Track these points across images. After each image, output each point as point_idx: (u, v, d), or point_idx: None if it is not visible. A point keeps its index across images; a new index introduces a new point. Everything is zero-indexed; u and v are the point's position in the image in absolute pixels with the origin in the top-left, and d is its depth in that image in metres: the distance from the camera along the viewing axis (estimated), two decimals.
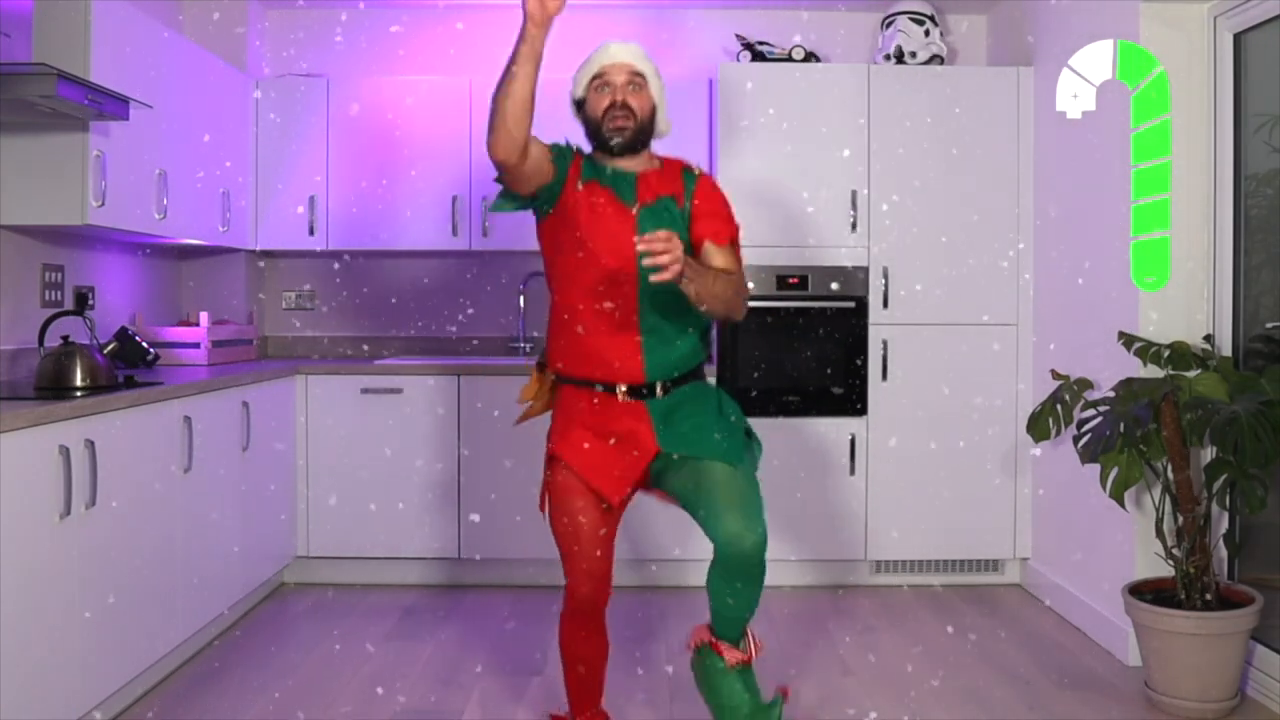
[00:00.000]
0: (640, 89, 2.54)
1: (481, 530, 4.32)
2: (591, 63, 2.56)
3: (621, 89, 2.52)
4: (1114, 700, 3.19)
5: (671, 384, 2.55)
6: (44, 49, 3.14)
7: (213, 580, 3.57)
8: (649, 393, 2.52)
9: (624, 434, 2.51)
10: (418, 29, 4.96)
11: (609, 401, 2.52)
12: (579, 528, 2.53)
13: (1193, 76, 3.43)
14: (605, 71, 2.53)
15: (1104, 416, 3.17)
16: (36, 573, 2.56)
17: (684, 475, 2.48)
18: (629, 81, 2.53)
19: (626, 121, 2.52)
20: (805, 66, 4.48)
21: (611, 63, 2.54)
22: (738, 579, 2.41)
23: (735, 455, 2.47)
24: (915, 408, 4.38)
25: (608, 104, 2.52)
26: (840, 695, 3.22)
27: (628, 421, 2.51)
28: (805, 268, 4.38)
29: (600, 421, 2.53)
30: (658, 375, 2.52)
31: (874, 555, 4.41)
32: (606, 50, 2.56)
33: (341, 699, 3.19)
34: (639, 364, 2.51)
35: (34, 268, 3.54)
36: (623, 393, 2.52)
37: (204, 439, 3.46)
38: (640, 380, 2.51)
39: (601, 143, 2.55)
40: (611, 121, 2.52)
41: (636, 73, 2.54)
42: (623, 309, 2.49)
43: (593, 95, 2.55)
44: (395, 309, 4.99)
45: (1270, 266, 3.28)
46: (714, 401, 2.59)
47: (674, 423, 2.51)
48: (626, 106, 2.52)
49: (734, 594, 2.44)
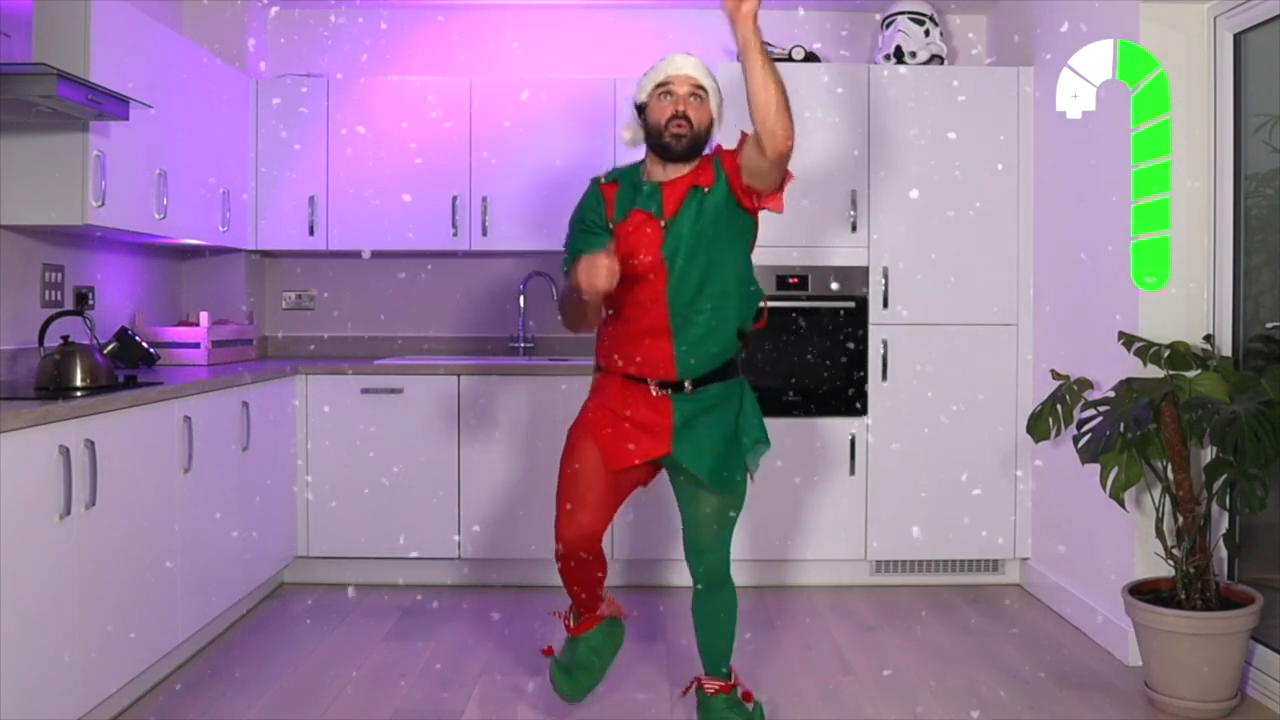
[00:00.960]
0: (702, 101, 2.69)
1: (481, 530, 4.32)
2: (657, 71, 2.71)
3: (684, 100, 2.66)
4: (1114, 700, 3.19)
5: (700, 381, 2.70)
6: (44, 49, 3.14)
7: (213, 580, 3.57)
8: (678, 388, 2.69)
9: (646, 423, 2.69)
10: (418, 29, 4.96)
11: (640, 392, 2.70)
12: (578, 480, 2.69)
13: (1193, 76, 3.43)
14: (670, 81, 2.67)
15: (1104, 416, 3.17)
16: (36, 573, 2.56)
17: (685, 485, 2.77)
18: (691, 93, 2.67)
19: (684, 130, 2.65)
20: (805, 66, 4.47)
21: (677, 73, 2.68)
22: (711, 590, 2.80)
23: (729, 485, 2.72)
24: (915, 408, 4.38)
25: (671, 113, 2.65)
26: (840, 695, 3.22)
27: (651, 415, 2.69)
28: (805, 268, 4.38)
29: (627, 406, 2.70)
30: (686, 374, 2.68)
31: (874, 555, 4.41)
32: (673, 61, 2.70)
33: (341, 699, 3.19)
34: (670, 363, 2.67)
35: (34, 268, 3.54)
36: (655, 385, 2.69)
37: (204, 439, 3.46)
38: (672, 378, 2.68)
39: (661, 147, 2.68)
40: (674, 129, 2.65)
41: (699, 85, 2.68)
42: (655, 310, 2.66)
43: (655, 102, 2.68)
44: (395, 309, 4.99)
45: (1270, 266, 3.27)
46: (733, 415, 2.74)
47: (691, 430, 2.69)
48: (687, 117, 2.65)
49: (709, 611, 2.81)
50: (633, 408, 2.69)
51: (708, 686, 2.82)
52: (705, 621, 2.83)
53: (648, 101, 2.70)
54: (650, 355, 2.67)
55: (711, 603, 2.81)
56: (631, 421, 2.69)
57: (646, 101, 2.71)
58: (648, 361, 2.68)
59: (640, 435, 2.69)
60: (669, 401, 2.69)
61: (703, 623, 2.83)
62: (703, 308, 2.65)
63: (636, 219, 2.69)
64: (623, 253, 2.63)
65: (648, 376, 2.69)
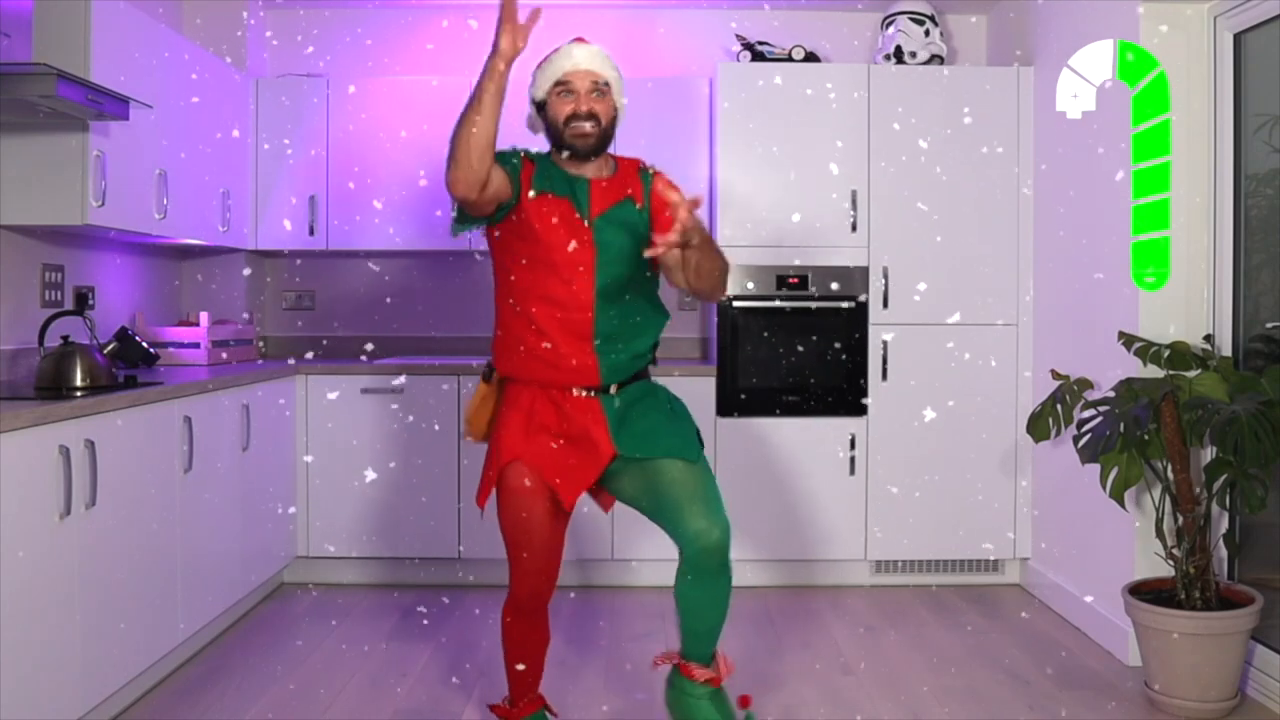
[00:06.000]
0: (604, 95, 2.52)
1: (481, 530, 4.31)
2: (553, 66, 2.51)
3: (585, 97, 2.49)
4: (1114, 700, 3.19)
5: (624, 384, 2.55)
6: (44, 49, 3.14)
7: (213, 580, 3.57)
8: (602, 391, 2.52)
9: (580, 435, 2.49)
10: (417, 29, 4.96)
11: (563, 399, 2.50)
12: (532, 531, 2.51)
13: (1193, 76, 3.43)
14: (569, 79, 2.50)
15: (1104, 416, 3.17)
16: (36, 573, 2.56)
17: (637, 478, 2.50)
18: (592, 89, 2.50)
19: (593, 129, 2.49)
20: (805, 66, 4.48)
21: (575, 69, 2.50)
22: (706, 577, 2.42)
23: (691, 451, 2.49)
24: (915, 408, 4.38)
25: (570, 111, 2.49)
26: (840, 695, 3.22)
27: (583, 422, 2.49)
28: (805, 268, 4.38)
29: (556, 421, 2.50)
30: (611, 379, 2.52)
31: (874, 555, 4.41)
32: (570, 55, 2.51)
33: (341, 699, 3.19)
34: (594, 369, 2.50)
35: (34, 268, 3.54)
36: (578, 390, 2.50)
37: (204, 439, 3.46)
38: (595, 384, 2.51)
39: (564, 147, 2.52)
40: (576, 128, 2.49)
41: (600, 80, 2.51)
42: (579, 318, 2.48)
43: (554, 99, 2.51)
44: (395, 309, 4.99)
45: (1270, 266, 3.28)
46: (664, 400, 2.61)
47: (628, 423, 2.51)
48: (592, 115, 2.49)
49: (704, 597, 2.45)
50: (565, 418, 2.49)
51: (695, 674, 2.50)
52: (697, 607, 2.47)
53: (546, 99, 2.52)
54: (570, 361, 2.48)
55: (708, 589, 2.45)
56: (566, 437, 2.48)
57: (545, 99, 2.52)
58: (567, 368, 2.48)
59: (581, 454, 2.48)
60: (597, 401, 2.51)
61: (693, 607, 2.48)
62: (628, 318, 2.52)
63: (561, 206, 2.48)
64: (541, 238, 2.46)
65: (569, 384, 2.50)
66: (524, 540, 2.52)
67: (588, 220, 2.50)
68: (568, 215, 2.49)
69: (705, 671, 2.51)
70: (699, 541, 2.38)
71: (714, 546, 2.39)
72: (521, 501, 2.48)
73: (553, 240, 2.47)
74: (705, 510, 2.41)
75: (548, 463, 2.48)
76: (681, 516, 2.41)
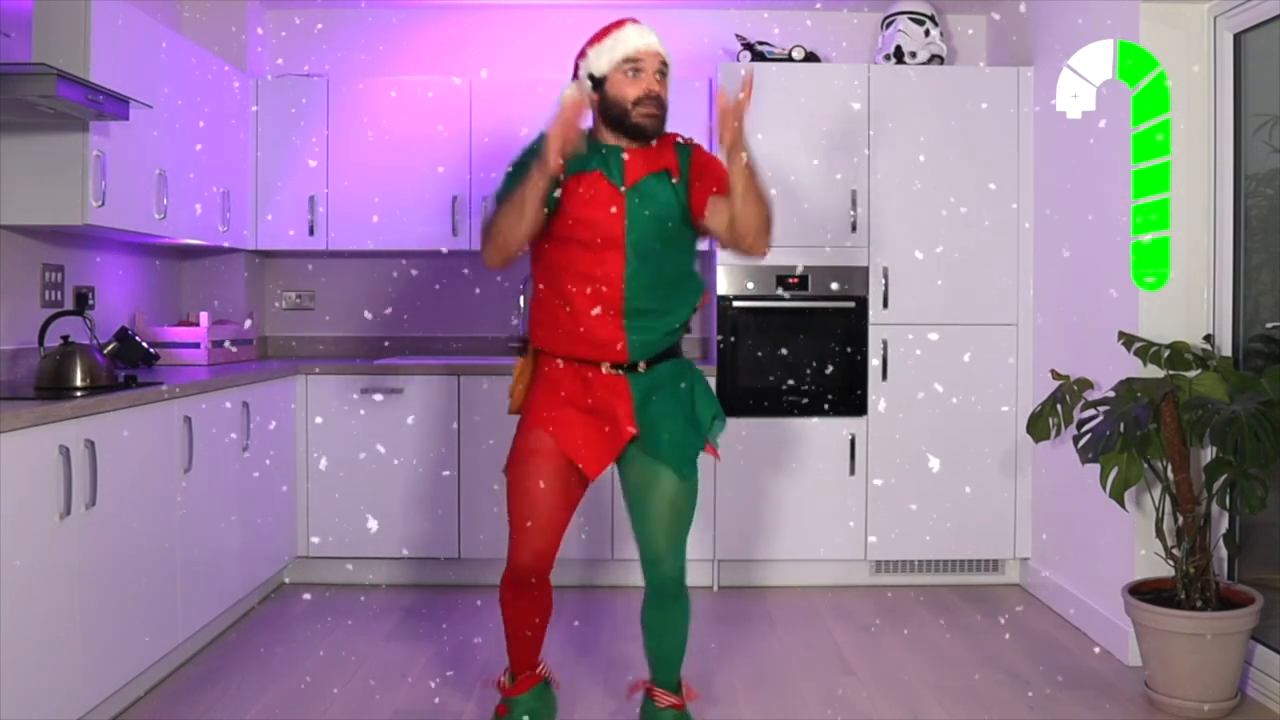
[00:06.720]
0: (664, 79, 2.53)
1: (481, 530, 4.32)
2: (621, 44, 2.49)
3: (653, 79, 2.49)
4: (1114, 700, 3.19)
5: (651, 362, 2.56)
6: (44, 49, 3.14)
7: (213, 580, 3.57)
8: (631, 369, 2.54)
9: (605, 410, 2.52)
10: (418, 29, 4.96)
11: (592, 374, 2.53)
12: (538, 498, 2.52)
13: (1193, 76, 3.43)
14: (640, 58, 2.48)
15: (1104, 416, 3.17)
16: (36, 573, 2.56)
17: (640, 471, 2.58)
18: (658, 70, 2.50)
19: (659, 112, 2.50)
20: (805, 66, 4.48)
21: (647, 50, 2.49)
22: (665, 601, 2.64)
23: (685, 468, 2.56)
24: (915, 408, 4.38)
25: (642, 93, 2.48)
26: (840, 695, 3.22)
27: (608, 398, 2.52)
28: (805, 268, 4.38)
29: (582, 396, 2.53)
30: (639, 355, 2.53)
31: (874, 555, 4.41)
32: (640, 34, 2.50)
33: (341, 699, 3.19)
34: (623, 344, 2.51)
35: (34, 268, 3.54)
36: (607, 367, 2.53)
37: (204, 439, 3.46)
38: (624, 360, 2.53)
39: (632, 128, 2.50)
40: (646, 109, 2.48)
41: (665, 63, 2.53)
42: (609, 293, 2.49)
43: (619, 78, 2.49)
44: (395, 309, 4.99)
45: (1270, 266, 3.28)
46: (689, 392, 2.60)
47: (649, 406, 2.54)
48: (659, 99, 2.50)
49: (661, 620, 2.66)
50: (591, 393, 2.52)
51: (660, 699, 2.69)
52: (658, 631, 2.67)
53: (608, 75, 2.50)
54: (600, 336, 2.49)
55: (665, 613, 2.66)
56: (594, 412, 2.52)
57: (607, 74, 2.50)
58: (597, 343, 2.50)
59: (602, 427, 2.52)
60: (625, 380, 2.53)
61: (655, 631, 2.68)
62: (659, 292, 2.52)
63: (593, 179, 2.49)
64: (574, 214, 2.47)
65: (599, 359, 2.52)
66: (528, 508, 2.54)
67: (623, 188, 2.49)
68: (602, 186, 2.50)
69: (670, 698, 2.69)
70: (656, 566, 2.60)
71: (667, 577, 2.61)
72: (536, 466, 2.52)
73: (583, 215, 2.48)
74: (670, 542, 2.58)
75: (570, 434, 2.52)
76: (652, 536, 2.58)
